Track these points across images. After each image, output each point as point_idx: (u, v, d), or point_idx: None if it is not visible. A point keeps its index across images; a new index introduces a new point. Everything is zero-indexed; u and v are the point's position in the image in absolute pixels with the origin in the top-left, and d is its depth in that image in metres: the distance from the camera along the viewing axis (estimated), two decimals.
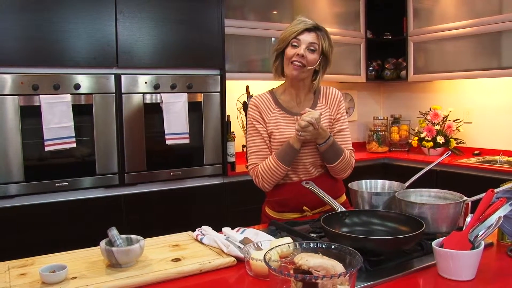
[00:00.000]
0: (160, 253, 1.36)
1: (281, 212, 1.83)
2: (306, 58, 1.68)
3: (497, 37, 3.32)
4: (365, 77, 4.11)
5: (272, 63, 1.81)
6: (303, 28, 1.69)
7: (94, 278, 1.18)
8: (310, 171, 1.80)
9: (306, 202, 1.79)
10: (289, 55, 1.70)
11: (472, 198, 1.47)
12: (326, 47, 1.72)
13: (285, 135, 1.75)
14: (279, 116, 1.78)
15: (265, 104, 1.80)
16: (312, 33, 1.70)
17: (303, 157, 1.76)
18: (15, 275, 1.21)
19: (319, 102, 1.82)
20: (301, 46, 1.68)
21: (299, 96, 1.81)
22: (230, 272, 1.27)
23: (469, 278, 1.16)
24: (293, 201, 1.79)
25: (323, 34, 1.73)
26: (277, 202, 1.83)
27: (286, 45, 1.72)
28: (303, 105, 1.79)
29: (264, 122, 1.79)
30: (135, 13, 2.69)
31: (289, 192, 1.79)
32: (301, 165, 1.78)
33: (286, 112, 1.79)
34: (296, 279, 0.99)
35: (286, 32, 1.72)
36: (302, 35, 1.69)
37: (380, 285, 1.15)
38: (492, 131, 3.64)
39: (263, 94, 1.84)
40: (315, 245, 1.15)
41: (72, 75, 2.54)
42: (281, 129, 1.76)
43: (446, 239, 1.22)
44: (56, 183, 2.53)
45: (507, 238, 1.43)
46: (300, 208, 1.80)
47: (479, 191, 1.45)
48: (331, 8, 3.89)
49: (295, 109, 1.80)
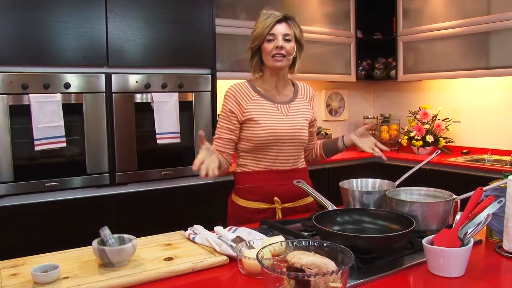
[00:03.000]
0: (152, 252, 1.36)
1: (249, 200, 1.82)
2: (284, 48, 1.74)
3: (485, 37, 3.37)
4: (355, 76, 4.14)
5: (249, 61, 1.86)
6: (275, 21, 1.75)
7: (87, 278, 1.17)
8: (289, 162, 1.84)
9: (278, 193, 1.80)
10: (268, 49, 1.75)
11: (461, 196, 1.49)
12: (298, 33, 1.80)
13: (268, 119, 1.78)
14: (261, 102, 1.81)
15: (243, 92, 1.82)
16: (283, 23, 1.76)
17: (287, 146, 1.81)
18: (6, 275, 1.20)
19: (299, 94, 1.91)
20: (277, 38, 1.74)
21: (278, 86, 1.86)
22: (222, 271, 1.27)
23: (458, 275, 1.18)
24: (263, 190, 1.81)
25: (293, 21, 1.79)
26: (247, 189, 1.83)
27: (262, 41, 1.76)
28: (283, 95, 1.86)
29: (241, 111, 1.79)
30: (125, 12, 2.68)
31: (263, 179, 1.81)
32: (283, 153, 1.81)
33: (267, 99, 1.83)
34: (289, 277, 1.00)
35: (258, 29, 1.77)
36: (275, 28, 1.75)
37: (371, 282, 1.17)
38: (480, 130, 3.69)
39: (241, 83, 1.87)
40: (307, 243, 1.16)
41: (62, 74, 2.52)
42: (264, 114, 1.79)
43: (436, 237, 1.24)
44: (46, 183, 2.52)
45: (496, 235, 1.45)
46: (270, 199, 1.81)
47: (468, 190, 1.47)
48: (322, 7, 3.91)
49: (275, 98, 1.84)
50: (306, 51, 1.88)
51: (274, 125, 1.78)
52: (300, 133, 1.83)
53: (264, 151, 1.80)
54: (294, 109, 1.85)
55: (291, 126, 1.81)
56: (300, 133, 1.83)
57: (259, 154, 1.81)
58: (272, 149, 1.80)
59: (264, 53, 1.78)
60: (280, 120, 1.79)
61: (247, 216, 1.79)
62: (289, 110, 1.84)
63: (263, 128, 1.77)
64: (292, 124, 1.81)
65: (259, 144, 1.78)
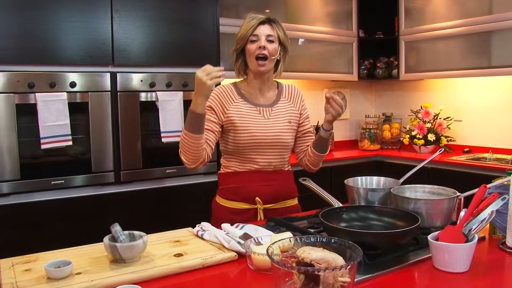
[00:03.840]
0: (162, 248, 1.38)
1: (231, 201, 1.84)
2: (267, 49, 1.76)
3: (487, 37, 3.39)
4: (357, 75, 4.16)
5: (234, 63, 1.88)
6: (258, 23, 1.78)
7: (99, 273, 1.20)
8: (271, 165, 1.85)
9: (260, 194, 1.81)
10: (251, 50, 1.77)
11: (465, 193, 1.52)
12: (282, 35, 1.82)
13: (248, 123, 1.79)
14: (242, 106, 1.83)
15: (227, 94, 1.84)
16: (266, 25, 1.79)
17: (267, 150, 1.82)
18: (19, 271, 1.22)
19: (282, 97, 1.91)
20: (260, 39, 1.77)
21: (262, 89, 1.87)
22: (231, 267, 1.30)
23: (463, 270, 1.20)
24: (246, 190, 1.82)
25: (277, 24, 1.82)
26: (229, 190, 1.85)
27: (245, 42, 1.79)
28: (266, 98, 1.87)
29: (223, 111, 1.80)
30: (130, 12, 2.70)
31: (244, 180, 1.83)
32: (264, 156, 1.82)
33: (249, 103, 1.84)
34: (299, 272, 1.02)
35: (242, 31, 1.80)
36: (258, 29, 1.78)
37: (378, 277, 1.19)
38: (481, 129, 3.71)
39: (226, 85, 1.88)
40: (315, 240, 1.18)
41: (68, 73, 2.55)
42: (244, 118, 1.80)
43: (441, 233, 1.26)
44: (52, 181, 2.54)
45: (499, 232, 1.48)
46: (252, 199, 1.81)
47: (469, 188, 1.51)
48: (324, 7, 3.93)
49: (258, 101, 1.86)
50: (308, 50, 1.91)
51: (255, 129, 1.79)
52: (281, 137, 1.83)
53: (246, 154, 1.82)
54: (276, 112, 1.85)
55: (272, 130, 1.81)
56: (282, 136, 1.83)
57: (241, 156, 1.83)
58: (254, 152, 1.81)
59: (247, 54, 1.80)
60: (261, 124, 1.80)
61: (229, 217, 1.79)
62: (271, 114, 1.84)
63: (243, 133, 1.79)
64: (273, 127, 1.82)
65: (240, 148, 1.81)
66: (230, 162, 1.87)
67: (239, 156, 1.83)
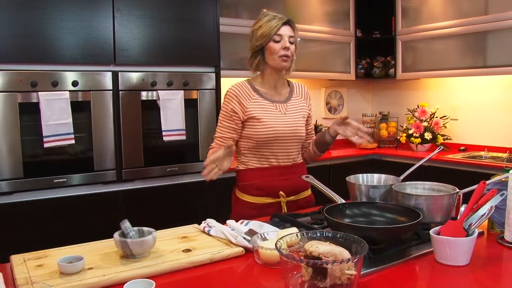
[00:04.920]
0: (170, 244, 1.42)
1: (256, 196, 1.90)
2: (290, 49, 1.83)
3: (482, 37, 3.44)
4: (354, 74, 4.20)
5: (250, 60, 1.92)
6: (281, 23, 1.83)
7: (110, 269, 1.23)
8: (290, 158, 1.93)
9: (282, 187, 1.88)
10: (275, 49, 1.82)
11: (464, 189, 1.56)
12: (297, 37, 1.90)
13: (268, 118, 1.85)
14: (260, 102, 1.88)
15: (244, 92, 1.89)
16: (287, 26, 1.86)
17: (287, 143, 1.89)
18: (32, 267, 1.25)
19: (294, 93, 1.99)
20: (284, 39, 1.82)
21: (277, 86, 1.94)
22: (239, 262, 1.33)
23: (464, 264, 1.24)
24: (270, 185, 1.88)
25: (294, 25, 1.89)
26: (253, 185, 1.90)
27: (268, 40, 1.83)
28: (281, 94, 1.95)
29: (243, 110, 1.86)
30: (132, 11, 2.73)
31: (268, 175, 1.89)
32: (284, 149, 1.90)
33: (266, 99, 1.90)
34: (307, 265, 1.06)
35: (265, 29, 1.83)
36: (282, 29, 1.83)
37: (381, 271, 1.23)
38: (477, 128, 3.77)
39: (241, 82, 1.93)
40: (321, 234, 1.22)
41: (70, 72, 2.56)
42: (264, 113, 1.86)
43: (442, 228, 1.30)
44: (55, 180, 2.56)
45: (497, 227, 1.52)
46: (275, 193, 1.89)
47: (466, 185, 1.56)
48: (322, 7, 3.96)
49: (273, 97, 1.92)
50: (306, 50, 1.96)
51: (275, 123, 1.86)
52: (299, 130, 1.92)
53: (266, 148, 1.88)
54: (291, 108, 1.94)
55: (290, 124, 1.89)
56: (299, 130, 1.92)
57: (260, 151, 1.89)
58: (273, 146, 1.88)
59: (268, 52, 1.84)
60: (279, 118, 1.88)
61: (252, 211, 1.85)
62: (286, 109, 1.92)
63: (264, 126, 1.84)
64: (290, 121, 1.90)
65: (261, 142, 1.86)
66: (248, 158, 1.92)
67: (258, 151, 1.89)
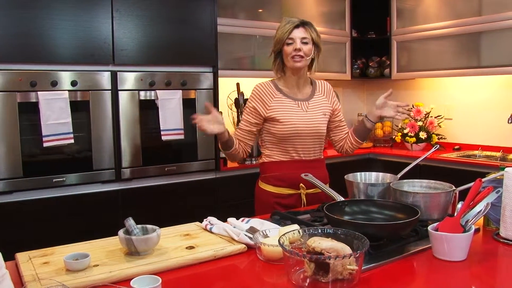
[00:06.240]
0: (173, 242, 1.44)
1: (278, 187, 2.02)
2: (302, 50, 1.93)
3: (476, 38, 3.49)
4: (350, 74, 4.24)
5: (273, 63, 2.06)
6: (293, 26, 1.95)
7: (116, 265, 1.25)
8: (310, 153, 2.03)
9: (303, 180, 1.95)
10: (288, 52, 1.96)
11: (460, 187, 1.60)
12: (315, 37, 2.00)
13: (290, 116, 1.97)
14: (283, 100, 2.00)
15: (267, 90, 2.02)
16: (300, 28, 1.96)
17: (307, 139, 1.99)
18: (38, 264, 1.27)
19: (316, 91, 2.10)
20: (295, 42, 1.94)
21: (299, 85, 2.05)
22: (241, 258, 1.36)
23: (461, 259, 1.28)
24: (291, 177, 1.99)
25: (310, 26, 2.00)
26: (276, 177, 2.02)
27: (282, 44, 1.96)
28: (303, 93, 2.06)
29: (265, 107, 1.98)
30: (131, 11, 2.74)
31: (289, 168, 2.01)
32: (304, 145, 2.00)
33: (288, 97, 2.02)
34: (310, 260, 1.09)
35: (278, 34, 1.98)
36: (293, 33, 1.95)
37: (381, 266, 1.26)
38: (471, 127, 3.82)
39: (266, 82, 2.06)
40: (322, 231, 1.25)
41: (69, 72, 2.58)
42: (286, 111, 1.98)
43: (440, 224, 1.34)
44: (54, 179, 2.57)
45: (492, 224, 1.56)
46: (296, 185, 2.00)
47: (460, 184, 1.60)
48: (318, 7, 4.00)
49: (296, 96, 2.04)
50: None
51: (296, 121, 1.97)
52: (319, 127, 2.02)
53: (287, 143, 2.00)
54: (313, 105, 2.04)
55: (311, 121, 2.00)
56: (319, 127, 2.02)
57: (283, 146, 2.01)
58: (294, 141, 1.99)
59: (284, 55, 1.98)
60: (300, 116, 1.99)
61: (274, 200, 2.00)
62: (308, 107, 2.02)
63: (285, 125, 1.97)
64: (311, 119, 2.00)
65: (282, 138, 1.99)
66: (272, 152, 2.04)
67: (281, 146, 2.01)
